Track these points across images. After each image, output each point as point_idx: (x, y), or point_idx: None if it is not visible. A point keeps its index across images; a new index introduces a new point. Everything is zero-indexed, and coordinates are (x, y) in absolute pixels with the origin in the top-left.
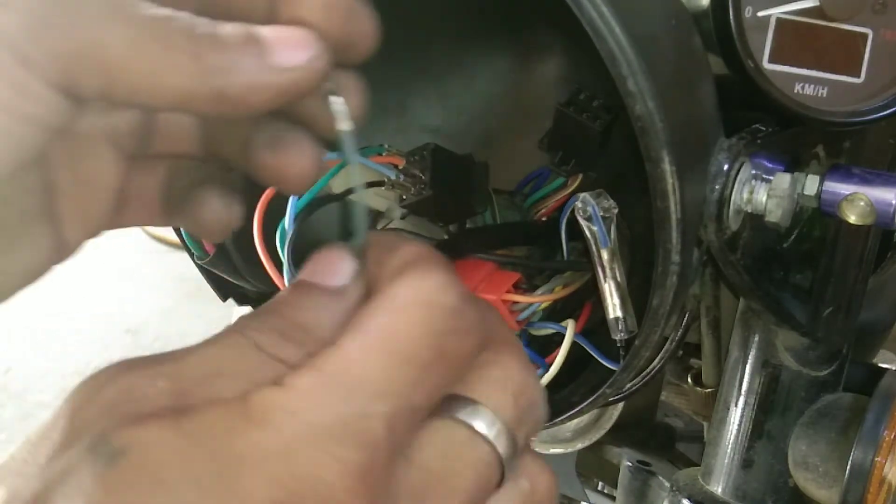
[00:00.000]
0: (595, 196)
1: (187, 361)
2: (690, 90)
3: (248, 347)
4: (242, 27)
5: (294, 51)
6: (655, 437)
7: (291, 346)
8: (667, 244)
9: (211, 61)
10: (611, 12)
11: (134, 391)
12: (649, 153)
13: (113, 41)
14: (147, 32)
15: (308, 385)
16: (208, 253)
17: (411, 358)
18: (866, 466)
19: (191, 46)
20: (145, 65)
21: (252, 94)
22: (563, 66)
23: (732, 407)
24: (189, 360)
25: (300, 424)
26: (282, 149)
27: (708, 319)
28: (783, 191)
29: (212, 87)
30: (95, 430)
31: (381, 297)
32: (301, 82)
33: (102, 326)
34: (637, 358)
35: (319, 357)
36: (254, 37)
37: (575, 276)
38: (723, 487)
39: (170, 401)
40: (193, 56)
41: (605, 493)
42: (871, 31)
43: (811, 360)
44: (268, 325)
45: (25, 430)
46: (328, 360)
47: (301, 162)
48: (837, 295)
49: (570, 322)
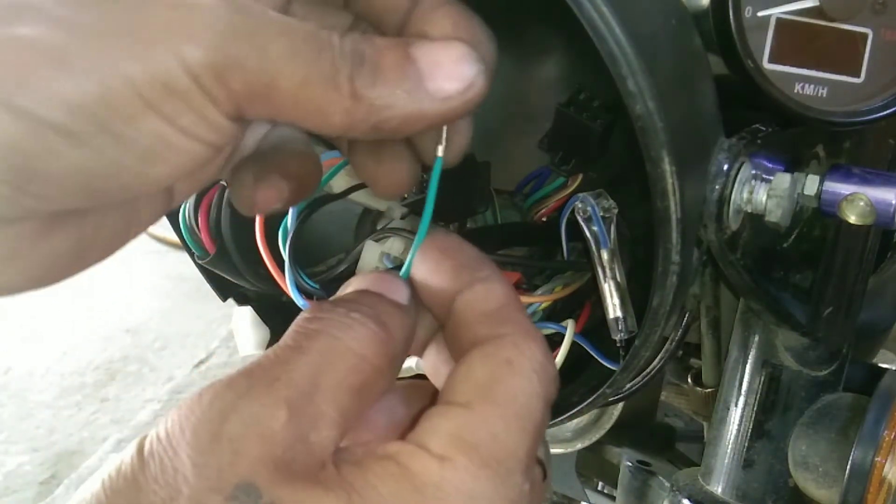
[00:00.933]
0: (595, 196)
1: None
2: (690, 90)
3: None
4: (399, 49)
5: (451, 78)
6: (655, 437)
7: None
8: (667, 244)
9: (371, 100)
10: (611, 12)
11: (261, 426)
12: (649, 153)
13: (286, 84)
14: (316, 75)
15: (471, 463)
16: (208, 253)
17: (537, 427)
18: (866, 466)
19: (352, 85)
20: (311, 105)
21: (408, 125)
22: (563, 66)
23: (732, 407)
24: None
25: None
26: (385, 159)
27: (708, 319)
28: (783, 191)
29: (370, 124)
30: (235, 475)
31: (501, 362)
32: (457, 111)
33: (102, 326)
34: (637, 358)
35: (465, 428)
36: (411, 61)
37: (575, 276)
38: (723, 487)
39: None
40: (353, 96)
41: (605, 493)
42: (871, 31)
43: (811, 360)
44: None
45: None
46: (479, 436)
47: (399, 174)
48: (837, 295)
49: (570, 322)
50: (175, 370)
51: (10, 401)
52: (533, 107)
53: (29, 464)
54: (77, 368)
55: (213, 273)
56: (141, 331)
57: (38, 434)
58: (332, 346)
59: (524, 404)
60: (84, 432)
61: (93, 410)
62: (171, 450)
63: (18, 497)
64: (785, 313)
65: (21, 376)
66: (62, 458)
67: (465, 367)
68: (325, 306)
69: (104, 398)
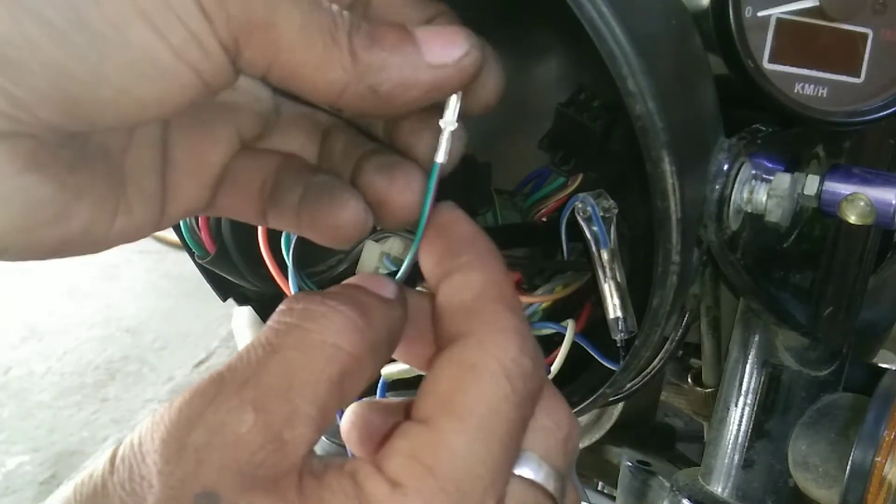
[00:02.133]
0: (595, 196)
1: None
2: (691, 90)
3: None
4: (396, 26)
5: (446, 48)
6: (655, 437)
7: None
8: (667, 244)
9: (368, 59)
10: (611, 12)
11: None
12: (650, 153)
13: (285, 25)
14: (315, 24)
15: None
16: (208, 253)
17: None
18: (866, 466)
19: (351, 43)
20: (309, 56)
21: (403, 91)
22: (563, 66)
23: (732, 407)
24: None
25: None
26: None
27: (708, 319)
28: (783, 191)
29: (366, 84)
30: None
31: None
32: (452, 80)
33: (102, 326)
34: (637, 358)
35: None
36: (408, 35)
37: (575, 277)
38: (723, 487)
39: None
40: (352, 53)
41: (605, 493)
42: (871, 31)
43: (811, 360)
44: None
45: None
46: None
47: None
48: (837, 295)
49: (570, 322)
50: (175, 370)
51: (10, 401)
52: (533, 107)
53: (29, 464)
54: (77, 368)
55: (213, 273)
56: (141, 331)
57: (38, 434)
58: (306, 338)
59: (487, 413)
60: (84, 432)
61: (93, 410)
62: (139, 456)
63: (18, 497)
64: (785, 313)
65: (21, 376)
66: (62, 458)
67: (431, 377)
68: (300, 296)
69: (104, 398)
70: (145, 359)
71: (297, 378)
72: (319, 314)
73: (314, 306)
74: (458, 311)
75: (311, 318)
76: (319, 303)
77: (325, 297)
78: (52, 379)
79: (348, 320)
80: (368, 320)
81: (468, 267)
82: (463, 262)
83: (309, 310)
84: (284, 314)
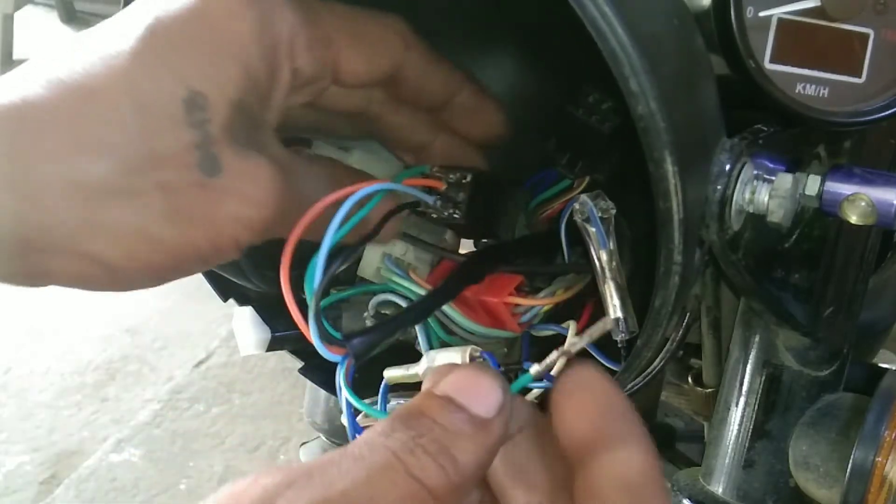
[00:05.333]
0: (593, 197)
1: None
2: (693, 90)
3: (400, 473)
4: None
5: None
6: (656, 437)
7: (440, 474)
8: (669, 244)
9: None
10: (613, 12)
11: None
12: (652, 154)
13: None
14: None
15: None
16: None
17: None
18: (867, 466)
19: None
20: None
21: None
22: (566, 66)
23: (733, 407)
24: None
25: None
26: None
27: (709, 319)
28: (785, 191)
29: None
30: None
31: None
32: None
33: (102, 326)
34: (639, 358)
35: None
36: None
37: (577, 279)
38: (723, 487)
39: None
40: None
41: None
42: (873, 31)
43: (812, 360)
44: (420, 448)
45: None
46: None
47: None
48: (838, 295)
49: (572, 323)
50: (175, 370)
51: (10, 401)
52: (539, 108)
53: (29, 464)
54: (77, 368)
55: (214, 273)
56: (141, 331)
57: (38, 434)
58: (392, 463)
59: None
60: (84, 432)
61: (93, 410)
62: None
63: (18, 497)
64: (786, 313)
65: (21, 376)
66: (62, 458)
67: None
68: (392, 426)
69: (104, 398)
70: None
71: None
72: (408, 450)
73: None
74: (622, 490)
75: (402, 449)
76: (410, 439)
77: (418, 432)
78: (52, 379)
79: (437, 466)
80: (456, 466)
81: (629, 443)
82: (627, 438)
83: (399, 440)
84: (378, 434)
